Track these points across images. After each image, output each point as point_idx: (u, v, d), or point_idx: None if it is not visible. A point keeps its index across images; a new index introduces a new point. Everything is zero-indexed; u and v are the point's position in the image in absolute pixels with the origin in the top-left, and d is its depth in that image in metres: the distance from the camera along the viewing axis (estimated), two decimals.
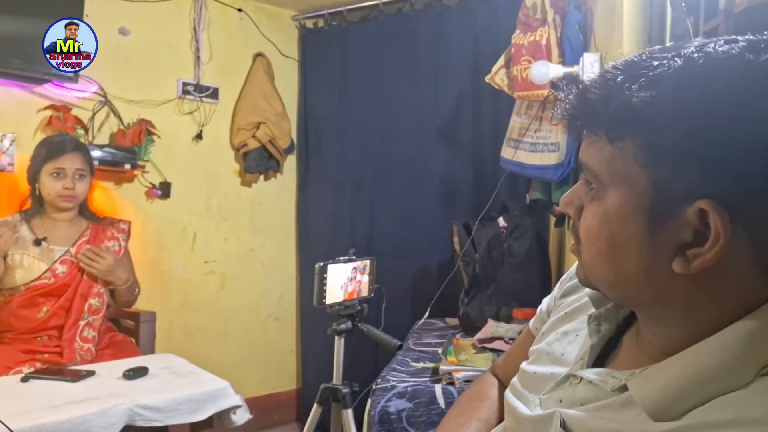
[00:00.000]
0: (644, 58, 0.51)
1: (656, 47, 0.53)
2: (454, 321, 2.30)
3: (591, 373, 0.58)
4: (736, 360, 0.47)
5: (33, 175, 1.99)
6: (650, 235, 0.50)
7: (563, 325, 0.70)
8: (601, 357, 0.62)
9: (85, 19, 2.24)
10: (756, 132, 0.44)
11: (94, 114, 2.47)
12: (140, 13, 2.58)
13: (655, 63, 0.49)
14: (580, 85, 0.54)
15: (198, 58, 2.76)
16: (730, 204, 0.46)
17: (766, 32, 0.49)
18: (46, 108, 2.34)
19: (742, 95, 0.46)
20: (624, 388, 0.53)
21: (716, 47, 0.48)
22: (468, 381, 1.54)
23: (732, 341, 0.47)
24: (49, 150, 1.97)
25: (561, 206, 0.60)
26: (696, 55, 0.48)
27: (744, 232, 0.47)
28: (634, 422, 0.50)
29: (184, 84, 2.72)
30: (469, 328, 2.06)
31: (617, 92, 0.50)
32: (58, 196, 1.96)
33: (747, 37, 0.48)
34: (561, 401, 0.60)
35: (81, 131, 2.39)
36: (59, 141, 2.02)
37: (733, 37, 0.49)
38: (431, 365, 1.72)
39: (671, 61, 0.48)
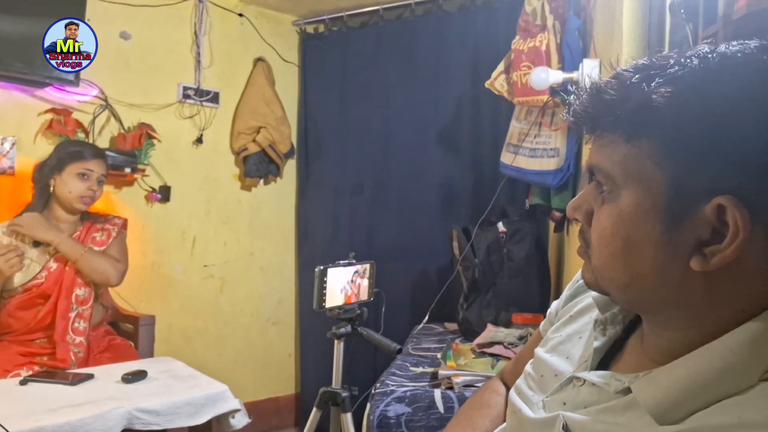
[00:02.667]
0: (655, 60, 0.51)
1: (663, 53, 0.53)
2: (453, 326, 2.30)
3: (594, 376, 0.58)
4: (740, 363, 0.47)
5: (49, 173, 1.97)
6: (667, 234, 0.50)
7: (568, 327, 0.70)
8: (605, 359, 0.62)
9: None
10: None
11: (94, 117, 2.48)
12: (141, 17, 2.59)
13: (671, 62, 0.50)
14: (593, 87, 0.54)
15: (199, 62, 2.77)
16: (748, 200, 0.46)
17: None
18: (47, 111, 2.34)
19: (758, 92, 0.46)
20: (627, 391, 0.53)
21: (729, 48, 0.49)
22: (467, 386, 1.54)
23: (736, 344, 0.48)
24: (78, 151, 1.98)
25: (569, 212, 0.59)
26: (711, 55, 0.49)
27: (761, 228, 0.47)
28: (636, 425, 0.51)
29: (185, 88, 2.73)
30: (469, 332, 2.06)
31: (635, 91, 0.50)
32: (80, 197, 1.96)
33: (755, 41, 0.50)
34: (564, 404, 0.60)
35: (81, 135, 2.39)
36: (87, 144, 2.05)
37: (741, 41, 0.50)
38: (430, 370, 1.72)
39: (687, 60, 0.49)
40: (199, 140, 2.80)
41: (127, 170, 2.46)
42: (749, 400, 0.45)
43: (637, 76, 0.50)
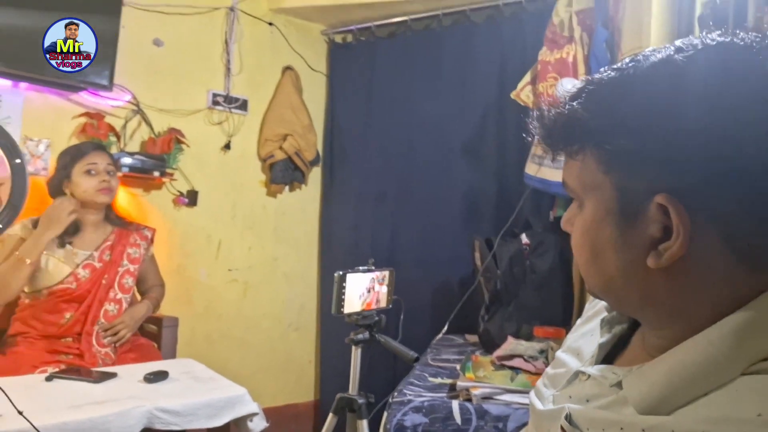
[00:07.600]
0: (590, 77, 0.55)
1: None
2: (473, 338, 2.28)
3: (594, 370, 0.59)
4: (722, 356, 0.46)
5: (60, 181, 2.01)
6: (623, 237, 0.52)
7: (584, 327, 0.72)
8: (612, 355, 0.63)
9: (121, 30, 2.32)
10: (688, 125, 0.47)
11: (126, 122, 2.54)
12: (174, 24, 2.65)
13: (595, 78, 0.54)
14: (538, 115, 0.58)
15: (228, 69, 2.82)
16: (686, 195, 0.47)
17: (692, 35, 0.53)
18: (80, 115, 2.41)
19: (670, 93, 0.48)
20: (621, 385, 0.54)
21: (647, 54, 0.52)
22: (485, 398, 1.53)
23: (717, 337, 0.47)
24: (75, 151, 2.03)
25: (562, 225, 0.62)
26: (628, 64, 0.52)
27: (707, 221, 0.48)
28: (630, 414, 0.51)
29: (214, 95, 2.78)
30: (489, 345, 2.04)
31: (562, 111, 0.54)
32: (97, 191, 2.00)
33: (678, 42, 0.52)
34: (570, 397, 0.61)
35: (113, 138, 2.45)
36: (81, 143, 2.11)
37: (666, 45, 0.53)
38: (449, 381, 1.71)
39: (606, 74, 0.53)
40: (227, 146, 2.85)
41: (156, 174, 2.51)
42: (729, 394, 0.45)
43: (567, 97, 0.55)
